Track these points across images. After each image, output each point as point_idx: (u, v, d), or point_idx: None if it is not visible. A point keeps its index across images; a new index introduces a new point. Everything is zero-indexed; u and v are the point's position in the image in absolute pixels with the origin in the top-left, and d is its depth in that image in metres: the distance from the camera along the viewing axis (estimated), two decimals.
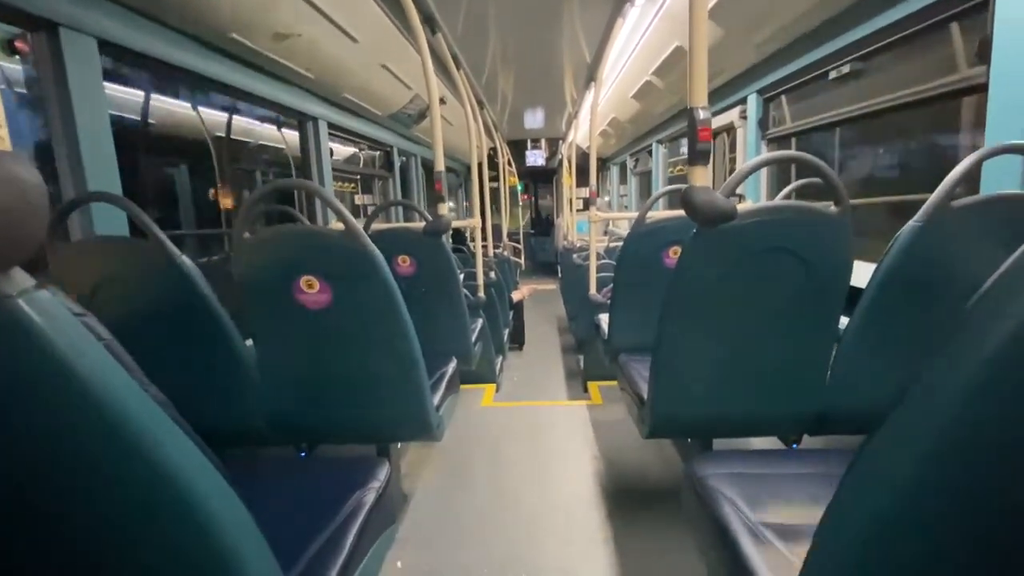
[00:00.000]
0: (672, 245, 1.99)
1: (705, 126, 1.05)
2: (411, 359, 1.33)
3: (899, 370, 1.05)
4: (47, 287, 0.43)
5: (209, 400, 1.29)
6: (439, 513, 1.91)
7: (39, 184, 0.40)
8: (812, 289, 1.16)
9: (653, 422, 1.39)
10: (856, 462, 0.55)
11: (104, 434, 0.47)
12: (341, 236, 1.21)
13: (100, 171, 1.44)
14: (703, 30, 1.06)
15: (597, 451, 2.35)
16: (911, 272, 1.12)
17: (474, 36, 3.13)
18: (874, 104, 1.94)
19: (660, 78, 3.37)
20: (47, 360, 0.42)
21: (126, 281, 1.26)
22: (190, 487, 0.53)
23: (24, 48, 1.40)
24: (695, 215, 1.04)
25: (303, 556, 0.92)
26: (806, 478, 1.06)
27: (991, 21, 1.37)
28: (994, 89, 1.36)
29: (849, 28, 1.94)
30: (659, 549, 1.65)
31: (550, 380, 3.44)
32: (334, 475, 1.19)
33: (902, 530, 0.48)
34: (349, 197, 5.31)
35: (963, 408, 0.42)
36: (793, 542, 0.86)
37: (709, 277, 1.14)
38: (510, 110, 5.88)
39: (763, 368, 1.26)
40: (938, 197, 1.06)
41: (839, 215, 1.11)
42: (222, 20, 1.82)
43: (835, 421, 1.32)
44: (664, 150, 4.98)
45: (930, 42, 1.70)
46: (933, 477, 0.45)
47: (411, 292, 1.39)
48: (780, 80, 2.52)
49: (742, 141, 3.00)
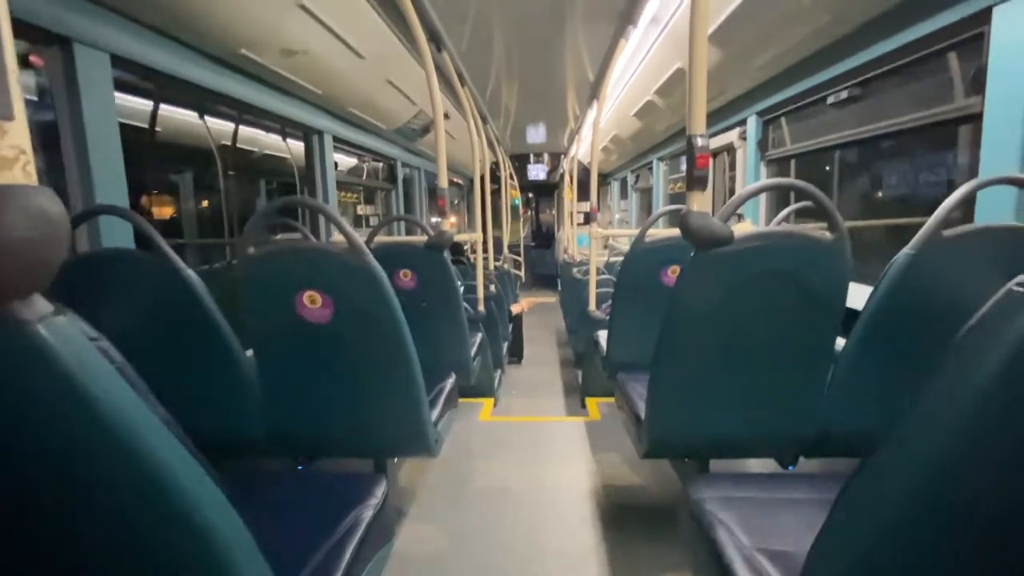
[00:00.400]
0: (671, 264, 2.01)
1: (703, 153, 1.08)
2: (410, 375, 1.34)
3: (894, 393, 1.06)
4: (65, 313, 0.44)
5: (209, 411, 1.30)
6: (436, 528, 1.90)
7: (62, 215, 0.41)
8: (808, 312, 1.17)
9: (650, 442, 1.39)
10: (847, 488, 0.56)
11: (113, 455, 0.49)
12: (344, 252, 1.22)
13: (109, 184, 1.46)
14: (703, 59, 1.09)
15: (594, 467, 2.35)
16: (905, 299, 1.13)
17: (479, 53, 3.18)
18: (871, 130, 1.97)
19: (661, 97, 3.42)
20: (63, 383, 0.44)
21: (131, 292, 1.27)
22: (193, 507, 0.55)
23: (38, 62, 1.43)
24: (692, 239, 1.06)
25: (301, 571, 0.93)
26: (801, 503, 1.07)
27: (986, 52, 1.40)
28: (989, 119, 1.38)
29: (848, 55, 1.97)
30: (655, 568, 1.64)
31: (548, 395, 3.43)
32: (332, 490, 1.19)
33: (891, 555, 0.49)
34: (352, 208, 5.33)
35: (955, 435, 0.43)
36: (787, 568, 0.86)
37: (706, 299, 1.15)
38: (513, 125, 5.93)
39: (760, 390, 1.27)
40: (931, 226, 1.08)
41: (835, 241, 1.13)
42: (232, 36, 1.85)
43: (831, 443, 1.33)
44: (665, 167, 5.02)
45: (927, 71, 1.73)
46: (923, 503, 0.46)
47: (412, 306, 1.40)
48: (779, 103, 2.56)
49: (742, 161, 3.03)
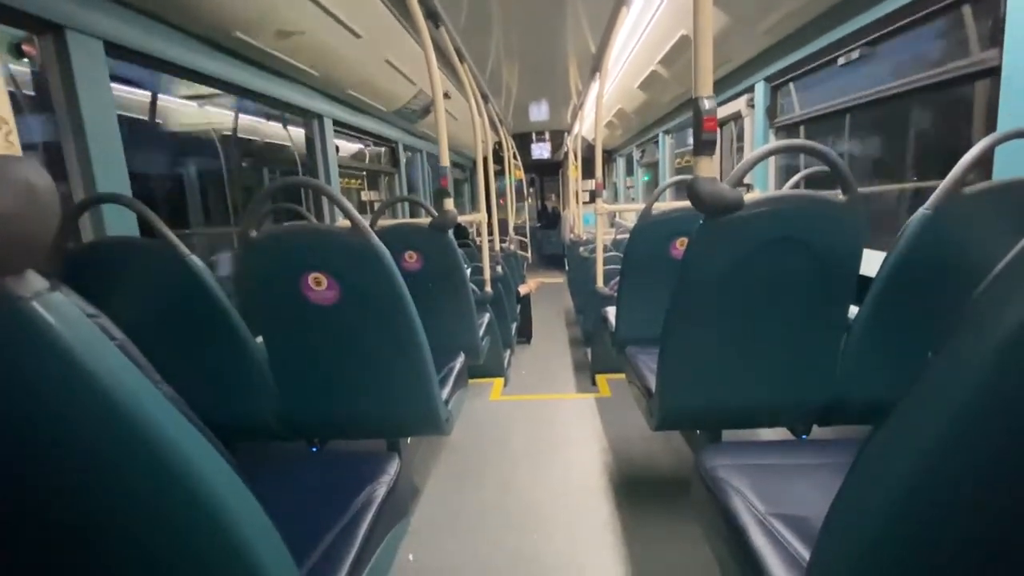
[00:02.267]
0: (679, 237, 1.98)
1: (711, 116, 1.04)
2: (419, 354, 1.34)
3: (908, 360, 1.04)
4: (61, 289, 0.43)
5: (222, 397, 1.31)
6: (450, 506, 1.93)
7: (49, 187, 0.40)
8: (821, 279, 1.14)
9: (661, 414, 1.39)
10: (862, 453, 0.54)
11: (118, 433, 0.48)
12: (347, 233, 1.21)
13: (109, 172, 1.46)
14: (708, 18, 1.05)
15: (606, 443, 2.36)
16: (921, 261, 1.10)
17: (477, 29, 3.11)
18: (885, 90, 1.91)
19: (666, 67, 3.34)
20: (61, 361, 0.43)
21: (137, 281, 1.28)
22: (203, 483, 0.54)
23: (32, 51, 1.41)
24: (701, 206, 1.03)
25: (316, 549, 0.94)
26: (815, 468, 1.06)
27: (1003, 3, 1.34)
28: (1007, 72, 1.33)
29: (858, 13, 1.90)
30: (668, 540, 1.66)
31: (558, 373, 3.44)
32: (345, 469, 1.20)
33: (909, 521, 0.48)
34: (356, 193, 5.31)
35: (970, 398, 0.41)
36: (802, 533, 0.86)
37: (716, 268, 1.13)
38: (515, 103, 5.85)
39: (772, 359, 1.25)
40: (949, 184, 1.04)
41: (848, 204, 1.10)
42: (226, 19, 1.82)
43: (844, 411, 1.31)
44: (671, 140, 4.93)
45: (940, 27, 1.67)
46: (939, 468, 0.45)
47: (418, 287, 1.40)
48: (788, 67, 2.48)
49: (750, 130, 2.97)
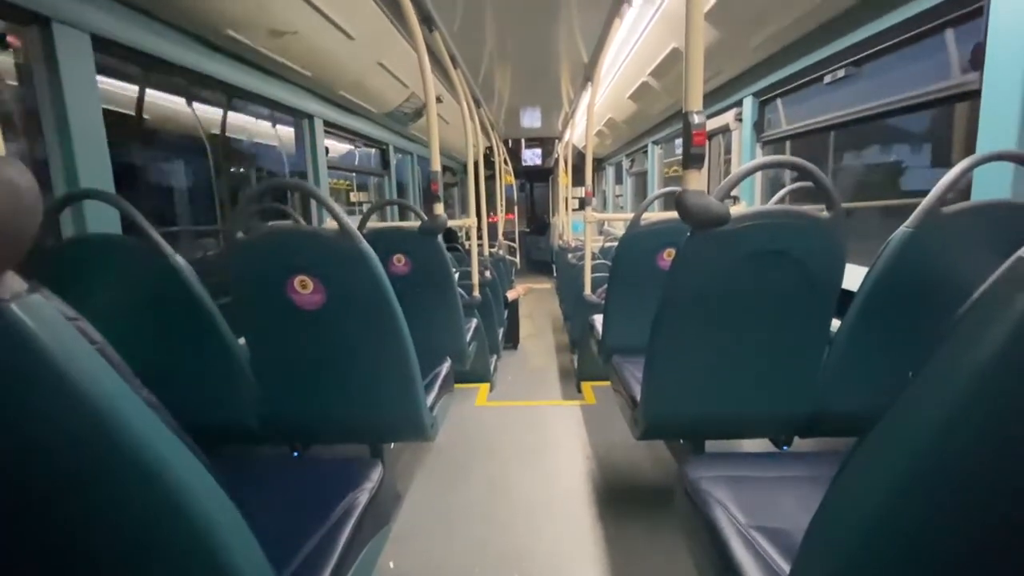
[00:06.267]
0: (666, 247, 2.00)
1: (700, 130, 1.06)
2: (405, 359, 1.33)
3: (890, 373, 1.06)
4: (40, 291, 0.42)
5: (202, 398, 1.28)
6: (433, 513, 1.91)
7: (32, 187, 0.39)
8: (804, 292, 1.16)
9: (646, 423, 1.39)
10: (845, 467, 0.55)
11: (96, 437, 0.47)
12: (335, 236, 1.20)
13: (93, 168, 1.43)
14: (700, 35, 1.07)
15: (590, 451, 2.36)
16: (902, 277, 1.13)
17: (471, 35, 3.12)
18: (868, 109, 1.95)
19: (657, 79, 3.37)
20: (40, 364, 0.42)
21: (119, 279, 1.25)
22: (180, 487, 0.53)
23: (16, 43, 1.38)
24: (689, 218, 1.04)
25: (295, 557, 0.92)
26: (797, 481, 1.07)
27: (986, 28, 1.38)
28: (987, 96, 1.37)
29: (845, 33, 1.95)
30: (651, 549, 1.66)
31: (544, 380, 3.44)
32: (327, 475, 1.19)
33: (889, 534, 0.49)
34: (345, 194, 5.27)
35: (953, 414, 0.42)
36: (783, 546, 0.87)
37: (702, 280, 1.14)
38: (507, 109, 5.87)
39: (755, 370, 1.27)
40: (929, 203, 1.07)
41: (832, 219, 1.12)
42: (218, 17, 1.80)
43: (826, 423, 1.33)
44: (660, 151, 4.98)
45: (924, 49, 1.71)
46: (921, 482, 0.46)
47: (406, 291, 1.39)
48: (776, 83, 2.53)
49: (737, 143, 3.01)
